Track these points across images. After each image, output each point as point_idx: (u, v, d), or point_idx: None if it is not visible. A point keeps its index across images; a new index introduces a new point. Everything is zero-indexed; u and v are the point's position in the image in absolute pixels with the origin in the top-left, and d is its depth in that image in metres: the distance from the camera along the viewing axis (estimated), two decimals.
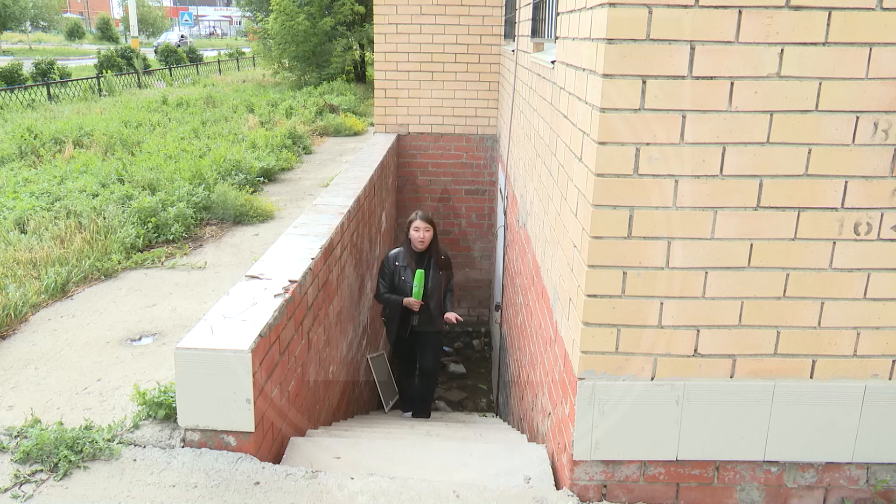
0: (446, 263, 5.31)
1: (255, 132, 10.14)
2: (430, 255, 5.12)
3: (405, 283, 5.03)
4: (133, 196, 6.01)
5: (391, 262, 5.12)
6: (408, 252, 5.09)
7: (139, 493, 2.40)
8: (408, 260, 5.07)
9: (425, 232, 5.05)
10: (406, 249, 5.11)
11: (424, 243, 5.05)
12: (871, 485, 2.56)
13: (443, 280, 5.20)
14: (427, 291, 5.05)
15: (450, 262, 5.40)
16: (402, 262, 5.08)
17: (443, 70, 7.77)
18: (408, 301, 4.99)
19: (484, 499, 2.48)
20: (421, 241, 5.04)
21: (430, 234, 5.07)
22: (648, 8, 2.00)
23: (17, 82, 16.08)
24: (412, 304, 4.99)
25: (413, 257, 5.08)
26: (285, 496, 2.44)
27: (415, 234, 5.05)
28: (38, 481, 2.44)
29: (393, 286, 5.11)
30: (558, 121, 3.02)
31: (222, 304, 2.92)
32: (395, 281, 5.09)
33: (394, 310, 5.19)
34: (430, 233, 5.07)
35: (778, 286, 2.28)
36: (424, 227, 5.06)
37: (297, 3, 18.38)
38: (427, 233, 5.05)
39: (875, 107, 2.10)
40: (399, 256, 5.12)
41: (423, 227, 5.06)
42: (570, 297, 2.57)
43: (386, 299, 5.13)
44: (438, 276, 5.15)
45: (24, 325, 3.85)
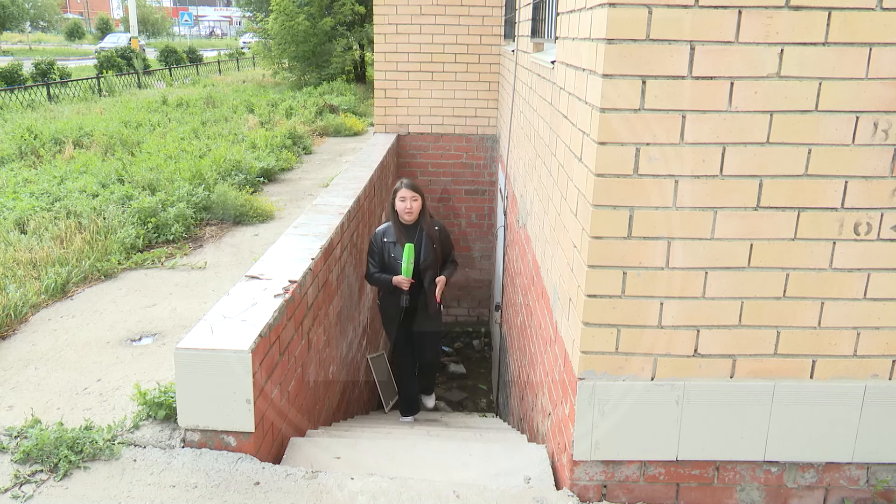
0: (443, 237, 4.78)
1: (255, 132, 10.14)
2: (420, 228, 4.62)
3: (395, 261, 4.54)
4: (133, 196, 6.02)
5: (378, 239, 4.65)
6: (396, 226, 4.60)
7: (139, 494, 2.40)
8: (397, 234, 4.56)
9: (412, 202, 4.54)
10: (394, 223, 4.62)
11: (412, 214, 4.56)
12: (871, 485, 2.56)
13: (437, 254, 4.67)
14: (419, 268, 4.56)
15: (448, 235, 4.87)
16: (391, 238, 4.59)
17: (443, 70, 7.77)
18: (397, 279, 4.49)
19: (484, 499, 2.48)
20: (408, 212, 4.54)
21: (418, 204, 4.56)
22: (648, 8, 2.00)
23: (17, 82, 16.08)
24: (401, 283, 4.48)
25: (402, 231, 4.58)
26: (285, 496, 2.43)
27: (401, 205, 4.55)
28: (38, 481, 2.44)
29: (383, 265, 4.63)
30: (558, 121, 3.02)
31: (222, 305, 2.92)
32: (384, 259, 4.61)
33: (386, 293, 4.74)
34: (417, 202, 4.56)
35: (778, 286, 2.28)
36: (411, 195, 4.55)
37: (297, 4, 18.38)
38: (415, 202, 4.55)
39: (875, 107, 2.10)
40: (387, 232, 4.63)
41: (409, 195, 4.54)
42: (570, 297, 2.57)
43: (375, 279, 4.67)
44: (432, 251, 4.63)
45: (24, 325, 3.85)
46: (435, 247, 4.65)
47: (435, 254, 4.64)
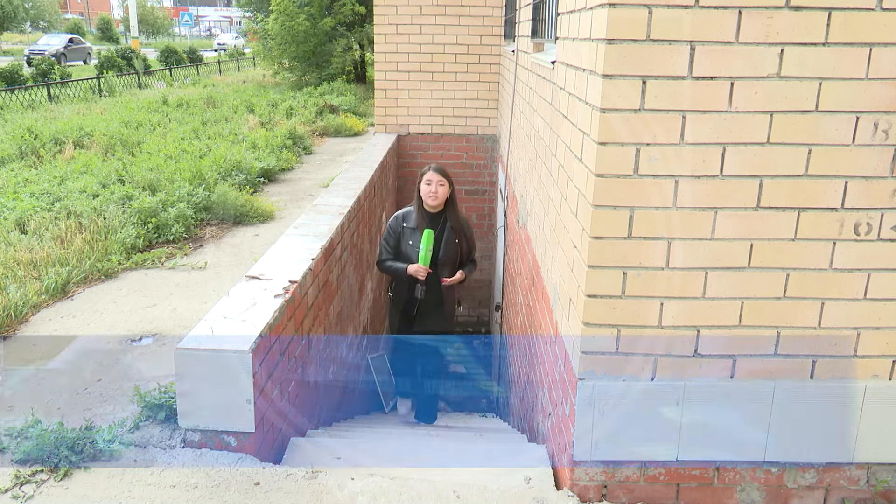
0: (468, 234, 4.38)
1: (256, 132, 10.15)
2: (445, 218, 4.24)
3: (413, 249, 4.16)
4: (133, 196, 6.02)
5: (398, 223, 4.27)
6: (419, 211, 4.22)
7: (139, 494, 2.40)
8: (418, 220, 4.19)
9: (438, 186, 4.16)
10: (417, 208, 4.23)
11: (437, 199, 4.17)
12: (871, 485, 2.55)
13: (459, 250, 4.28)
14: (437, 259, 4.17)
15: (472, 232, 4.47)
16: (411, 224, 4.21)
17: (443, 70, 7.77)
18: (413, 268, 4.12)
19: (484, 499, 2.49)
20: (433, 196, 4.16)
21: (444, 190, 4.18)
22: (648, 8, 2.00)
23: (18, 83, 16.09)
24: (418, 272, 4.10)
25: (425, 218, 4.22)
26: (286, 496, 2.44)
27: (425, 189, 4.17)
28: (38, 482, 2.44)
29: (398, 252, 4.25)
30: (558, 121, 3.03)
31: (222, 305, 2.92)
32: (401, 246, 4.24)
33: (399, 283, 4.33)
34: (444, 188, 4.18)
35: (778, 286, 2.28)
36: (437, 179, 4.16)
37: (298, 4, 18.40)
38: (441, 187, 4.17)
39: (875, 107, 2.10)
40: (409, 217, 4.23)
41: (435, 179, 4.15)
42: (571, 298, 2.57)
43: (387, 267, 4.28)
44: (453, 245, 4.22)
45: (25, 325, 3.85)
46: (457, 241, 4.26)
47: (456, 248, 4.26)
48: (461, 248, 4.30)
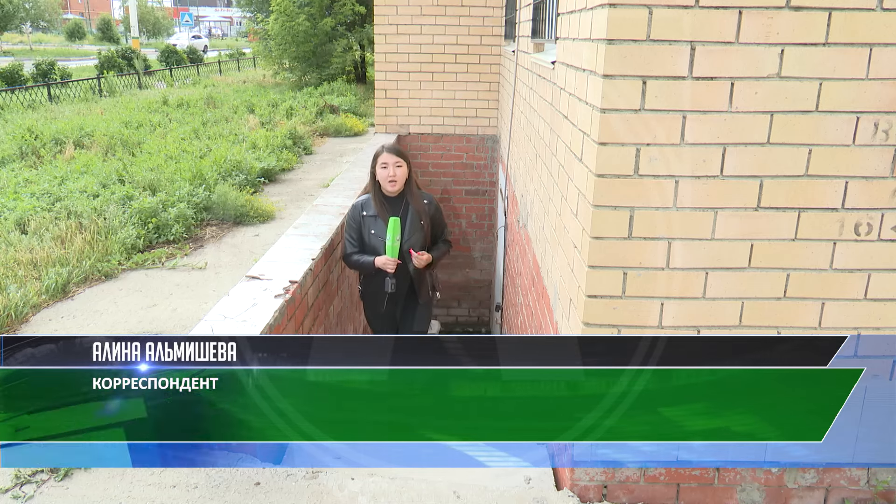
0: (434, 213, 4.04)
1: (256, 133, 10.15)
2: (406, 202, 3.92)
3: (376, 238, 3.84)
4: (134, 197, 6.03)
5: (357, 213, 3.92)
6: (377, 198, 3.89)
7: (140, 494, 2.40)
8: (377, 208, 3.86)
9: (396, 167, 3.82)
10: (374, 195, 3.90)
11: (396, 183, 3.84)
12: (871, 485, 2.55)
13: (426, 232, 3.95)
14: (404, 247, 3.86)
15: (439, 210, 4.12)
16: (371, 212, 3.88)
17: (443, 71, 7.77)
18: (380, 261, 3.78)
19: (484, 499, 2.49)
20: (391, 180, 3.82)
21: (402, 171, 3.85)
22: (648, 8, 2.00)
23: (18, 83, 16.10)
24: (386, 265, 3.78)
25: (385, 205, 3.88)
26: (286, 496, 2.44)
27: (382, 173, 3.83)
28: (38, 482, 2.44)
29: (362, 244, 3.91)
30: (558, 121, 3.03)
31: (223, 305, 2.92)
32: (364, 237, 3.90)
33: (368, 278, 3.99)
34: (402, 169, 3.85)
35: (778, 287, 2.28)
36: (394, 161, 3.82)
37: (298, 4, 18.40)
38: (399, 168, 3.83)
39: (875, 107, 2.10)
40: (367, 205, 3.91)
41: (391, 161, 3.82)
42: (571, 298, 2.57)
43: (354, 262, 3.92)
44: (419, 228, 3.91)
45: (25, 325, 3.85)
46: (423, 223, 3.94)
47: (422, 231, 3.93)
48: (427, 230, 3.98)
